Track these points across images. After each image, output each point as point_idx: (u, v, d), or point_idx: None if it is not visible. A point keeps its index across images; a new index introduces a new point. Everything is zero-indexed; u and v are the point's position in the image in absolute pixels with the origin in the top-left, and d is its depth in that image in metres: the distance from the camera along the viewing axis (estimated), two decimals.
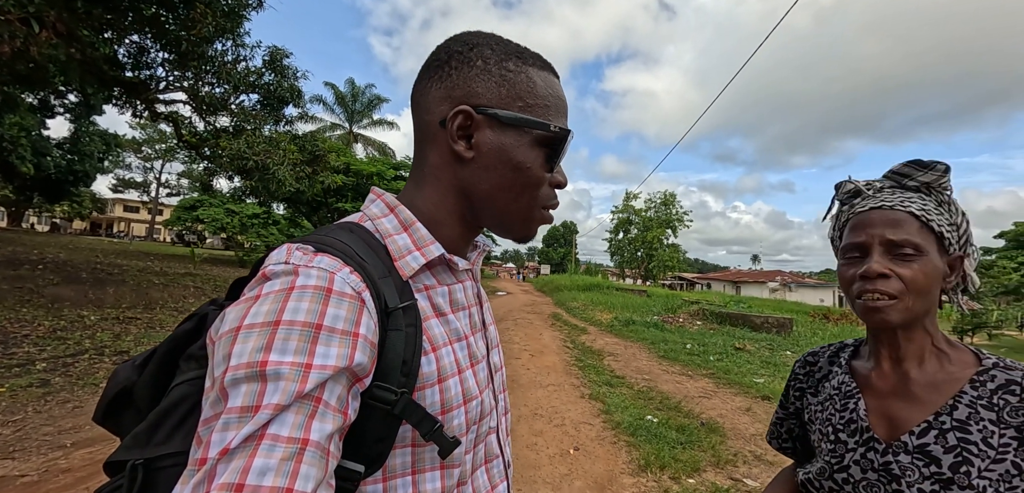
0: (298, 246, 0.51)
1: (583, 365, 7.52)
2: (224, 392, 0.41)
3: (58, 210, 40.85)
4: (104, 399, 0.60)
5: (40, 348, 5.56)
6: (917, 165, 0.78)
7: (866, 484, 0.75)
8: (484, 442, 0.65)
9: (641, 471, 3.69)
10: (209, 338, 0.48)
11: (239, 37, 9.83)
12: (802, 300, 40.78)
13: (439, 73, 0.61)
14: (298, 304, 0.45)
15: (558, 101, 0.64)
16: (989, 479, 0.66)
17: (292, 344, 0.43)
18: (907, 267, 0.74)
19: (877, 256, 0.76)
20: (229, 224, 23.09)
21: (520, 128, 0.59)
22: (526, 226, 0.65)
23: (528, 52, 0.63)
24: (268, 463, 0.38)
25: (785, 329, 12.30)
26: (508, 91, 0.59)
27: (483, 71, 0.59)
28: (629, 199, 51.47)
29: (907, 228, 0.75)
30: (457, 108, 0.58)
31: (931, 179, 0.77)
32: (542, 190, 0.63)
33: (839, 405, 0.83)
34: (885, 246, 0.76)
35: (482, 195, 0.61)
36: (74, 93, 11.79)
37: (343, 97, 35.86)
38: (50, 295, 7.84)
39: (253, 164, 10.10)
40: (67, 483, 2.96)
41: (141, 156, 45.46)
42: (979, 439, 0.68)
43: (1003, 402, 0.69)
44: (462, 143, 0.59)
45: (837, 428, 0.81)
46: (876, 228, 0.77)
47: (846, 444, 0.79)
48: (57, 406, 4.16)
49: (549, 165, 0.62)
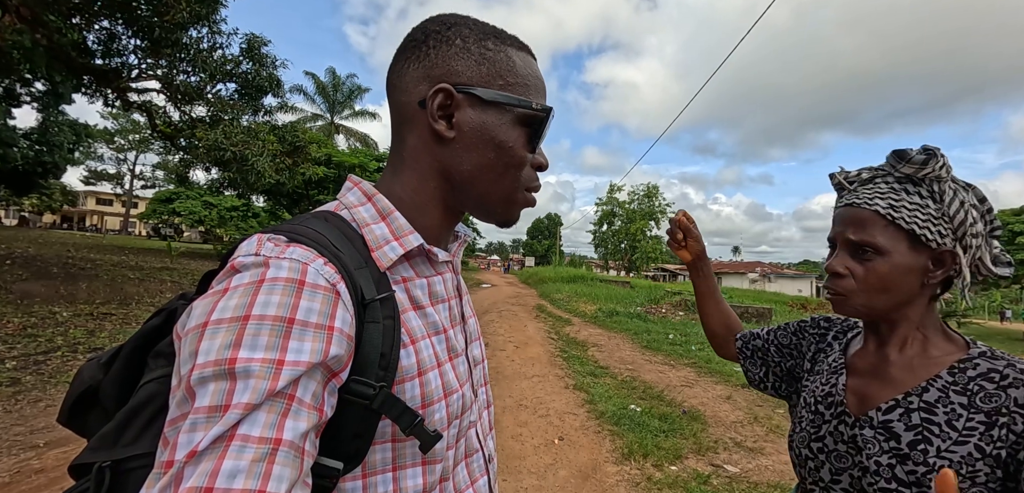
0: (269, 236, 0.49)
1: (567, 356, 7.57)
2: (191, 391, 0.40)
3: (27, 203, 39.43)
4: (68, 399, 0.57)
5: (9, 346, 5.38)
6: (897, 156, 0.78)
7: (836, 455, 0.79)
8: (465, 437, 0.64)
9: (625, 459, 3.74)
10: (175, 334, 0.47)
11: (215, 24, 9.56)
12: (781, 290, 41.65)
13: (417, 53, 0.60)
14: (269, 297, 0.43)
15: (537, 81, 0.63)
16: (949, 460, 0.68)
17: (263, 340, 0.41)
18: (863, 266, 0.78)
19: (838, 254, 0.81)
20: (207, 217, 22.58)
21: (502, 107, 0.59)
22: (508, 208, 0.64)
23: (506, 33, 0.63)
24: (238, 465, 0.37)
25: (765, 319, 12.58)
26: (489, 70, 0.59)
27: (462, 49, 0.58)
28: (613, 191, 51.88)
29: (869, 228, 0.77)
30: (437, 86, 0.57)
31: (910, 171, 0.76)
32: (524, 171, 0.63)
33: (824, 379, 0.87)
34: (846, 245, 0.80)
35: (464, 176, 0.60)
36: (41, 81, 11.34)
37: (324, 87, 35.22)
38: (19, 291, 7.58)
39: (231, 155, 9.87)
40: (40, 484, 2.87)
41: (114, 147, 43.89)
42: (943, 421, 0.70)
43: (978, 388, 0.70)
44: (443, 123, 0.58)
45: (818, 400, 0.86)
46: (838, 227, 0.82)
47: (823, 416, 0.83)
48: (28, 405, 4.03)
49: (531, 145, 0.62)
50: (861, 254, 0.78)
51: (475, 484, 0.66)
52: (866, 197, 0.79)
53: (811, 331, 1.00)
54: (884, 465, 0.72)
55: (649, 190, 49.67)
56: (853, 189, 0.83)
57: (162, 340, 0.55)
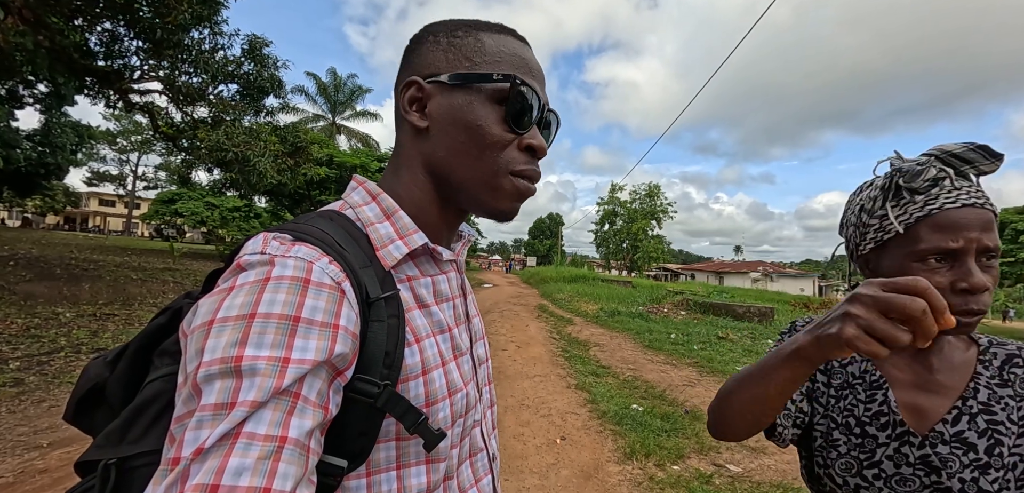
0: (275, 235, 0.50)
1: (569, 356, 7.56)
2: (197, 388, 0.40)
3: (30, 204, 39.51)
4: (74, 396, 0.57)
5: (13, 347, 5.39)
6: (985, 152, 0.69)
7: (899, 479, 0.70)
8: (469, 435, 0.65)
9: (627, 459, 3.74)
10: (182, 332, 0.47)
11: (216, 25, 9.56)
12: (783, 290, 41.56)
13: (404, 61, 0.63)
14: (274, 295, 0.43)
15: (513, 57, 0.60)
16: (1019, 455, 0.66)
17: (268, 337, 0.41)
18: (991, 274, 0.68)
19: (978, 267, 0.67)
20: (209, 217, 22.59)
21: (468, 87, 0.58)
22: (494, 196, 0.60)
23: (482, 21, 0.63)
24: (244, 462, 0.37)
25: (767, 318, 12.53)
26: (455, 55, 0.59)
27: (433, 44, 0.61)
28: (614, 191, 51.82)
29: (996, 230, 0.68)
30: (406, 80, 0.60)
31: (991, 170, 0.70)
32: (506, 152, 0.59)
33: (864, 396, 0.77)
34: (982, 252, 0.67)
35: (442, 164, 0.60)
36: (44, 83, 11.38)
37: (325, 87, 35.27)
38: (23, 292, 7.60)
39: (233, 156, 9.89)
40: (44, 484, 2.88)
41: (116, 148, 44.06)
42: (1005, 417, 0.68)
43: (1013, 375, 0.70)
44: (416, 114, 0.60)
45: (862, 421, 0.75)
46: (973, 232, 0.67)
47: (876, 438, 0.74)
48: (32, 405, 4.05)
49: (511, 124, 0.59)
50: (987, 262, 0.68)
51: (479, 483, 0.66)
52: (978, 196, 0.69)
53: None
54: (969, 481, 0.66)
55: (651, 189, 49.65)
56: (951, 184, 0.70)
57: (168, 338, 0.55)
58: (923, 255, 0.69)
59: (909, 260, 0.71)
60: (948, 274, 0.68)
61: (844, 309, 0.54)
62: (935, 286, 0.63)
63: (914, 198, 0.72)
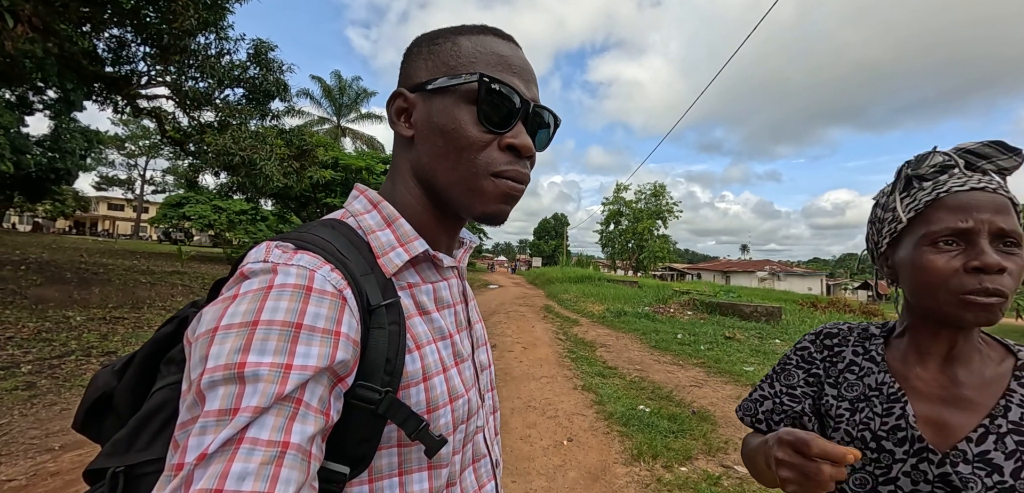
0: (277, 243, 0.50)
1: (575, 357, 7.55)
2: (201, 395, 0.41)
3: (40, 209, 39.98)
4: (83, 405, 0.58)
5: (25, 350, 5.46)
6: (1001, 147, 0.69)
7: None
8: (472, 442, 0.65)
9: (634, 460, 3.72)
10: (186, 340, 0.47)
11: (222, 30, 9.64)
12: (790, 289, 41.31)
13: (398, 75, 0.65)
14: (277, 303, 0.44)
15: (490, 56, 0.59)
16: None
17: (271, 344, 0.42)
18: (1012, 260, 0.65)
19: (990, 247, 0.66)
20: (216, 221, 22.81)
21: (445, 91, 0.58)
22: (477, 198, 0.58)
23: (467, 26, 0.62)
24: (247, 468, 0.38)
25: (774, 318, 12.44)
26: (433, 62, 0.60)
27: (416, 55, 0.62)
28: (619, 191, 51.63)
29: (1013, 217, 0.66)
30: (393, 93, 0.62)
31: (1012, 165, 0.69)
32: (484, 154, 0.57)
33: (881, 409, 0.74)
34: (995, 235, 0.66)
35: (427, 171, 0.60)
36: (53, 89, 11.54)
37: (330, 90, 35.43)
38: (34, 296, 7.70)
39: (239, 159, 9.96)
40: (56, 487, 2.91)
41: (124, 153, 44.59)
42: None
43: None
44: (403, 123, 0.61)
45: (878, 435, 0.73)
46: (985, 213, 0.66)
47: (893, 454, 0.71)
48: (44, 409, 4.09)
49: (487, 125, 0.57)
50: (1006, 248, 0.66)
51: (483, 489, 0.66)
52: (990, 182, 0.68)
53: (818, 358, 0.86)
54: None
55: (656, 189, 49.41)
56: (967, 175, 0.70)
57: (174, 347, 0.56)
58: (934, 238, 0.69)
59: (922, 246, 0.70)
60: (960, 256, 0.67)
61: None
62: (948, 268, 0.67)
63: (923, 185, 0.73)
